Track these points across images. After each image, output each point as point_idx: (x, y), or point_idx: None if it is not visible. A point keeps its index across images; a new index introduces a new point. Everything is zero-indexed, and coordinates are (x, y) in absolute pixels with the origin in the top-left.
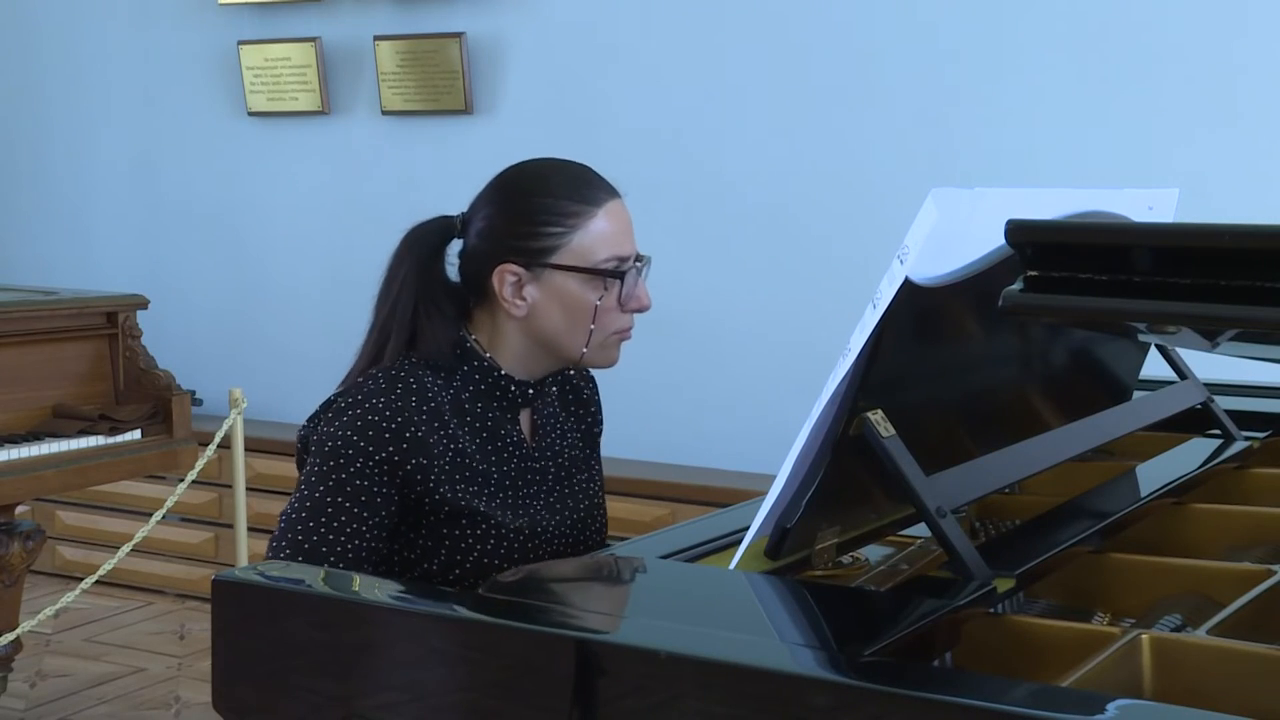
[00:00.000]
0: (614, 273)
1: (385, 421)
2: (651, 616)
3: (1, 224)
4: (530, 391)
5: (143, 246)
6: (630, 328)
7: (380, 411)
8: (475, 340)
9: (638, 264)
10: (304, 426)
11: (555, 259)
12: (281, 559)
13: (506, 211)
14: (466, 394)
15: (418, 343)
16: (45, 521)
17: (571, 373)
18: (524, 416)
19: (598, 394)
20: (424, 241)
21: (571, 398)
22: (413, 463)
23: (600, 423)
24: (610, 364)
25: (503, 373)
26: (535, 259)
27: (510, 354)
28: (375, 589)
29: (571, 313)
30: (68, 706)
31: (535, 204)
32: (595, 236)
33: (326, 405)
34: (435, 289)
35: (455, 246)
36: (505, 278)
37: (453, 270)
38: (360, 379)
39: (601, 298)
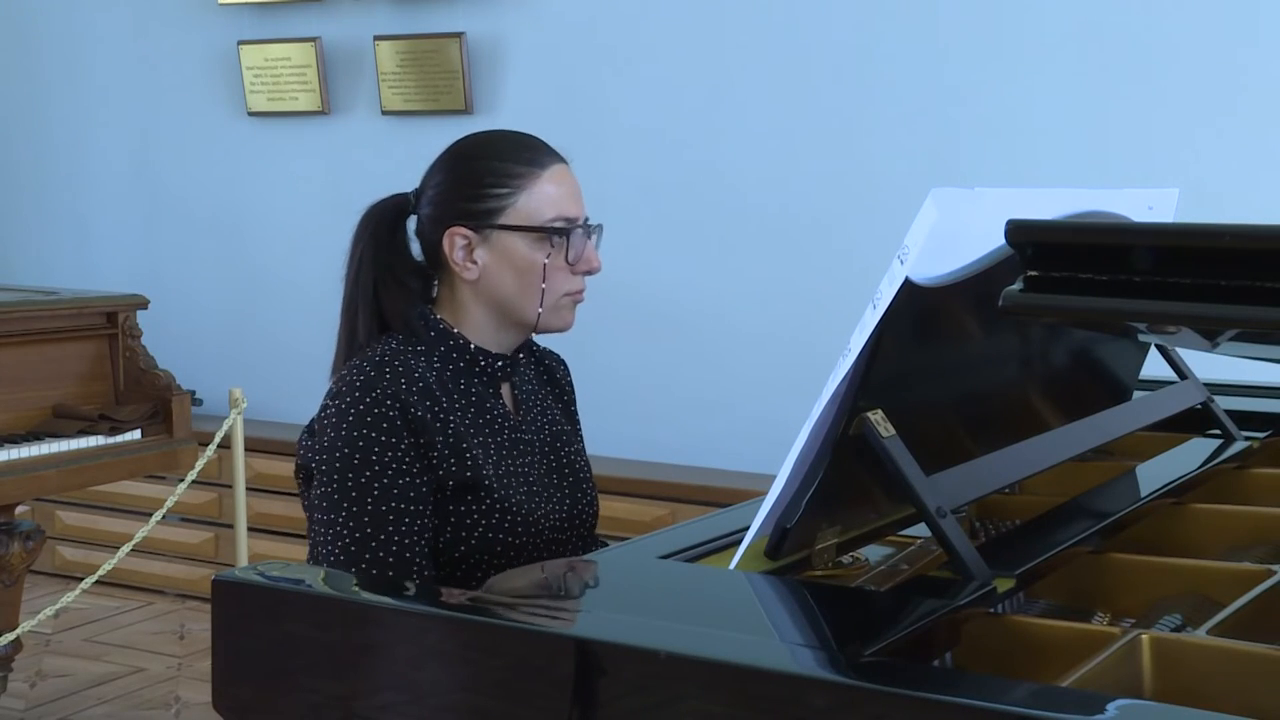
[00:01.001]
0: (559, 230)
1: (390, 409)
2: (651, 616)
3: (1, 224)
4: (505, 365)
5: (143, 246)
6: (582, 290)
7: (381, 401)
8: (442, 318)
9: (587, 227)
10: (304, 441)
11: (502, 220)
12: None
13: (453, 177)
14: (448, 372)
15: (387, 318)
16: (45, 521)
17: (542, 354)
18: (505, 390)
19: (569, 375)
20: (379, 218)
21: (546, 377)
22: (423, 440)
23: (575, 401)
24: (565, 327)
25: (474, 346)
26: (483, 221)
27: (475, 325)
28: (375, 589)
29: (521, 273)
30: (68, 706)
31: (481, 167)
32: (541, 197)
33: (323, 412)
34: (395, 263)
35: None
36: (455, 241)
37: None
38: (345, 373)
39: (549, 256)
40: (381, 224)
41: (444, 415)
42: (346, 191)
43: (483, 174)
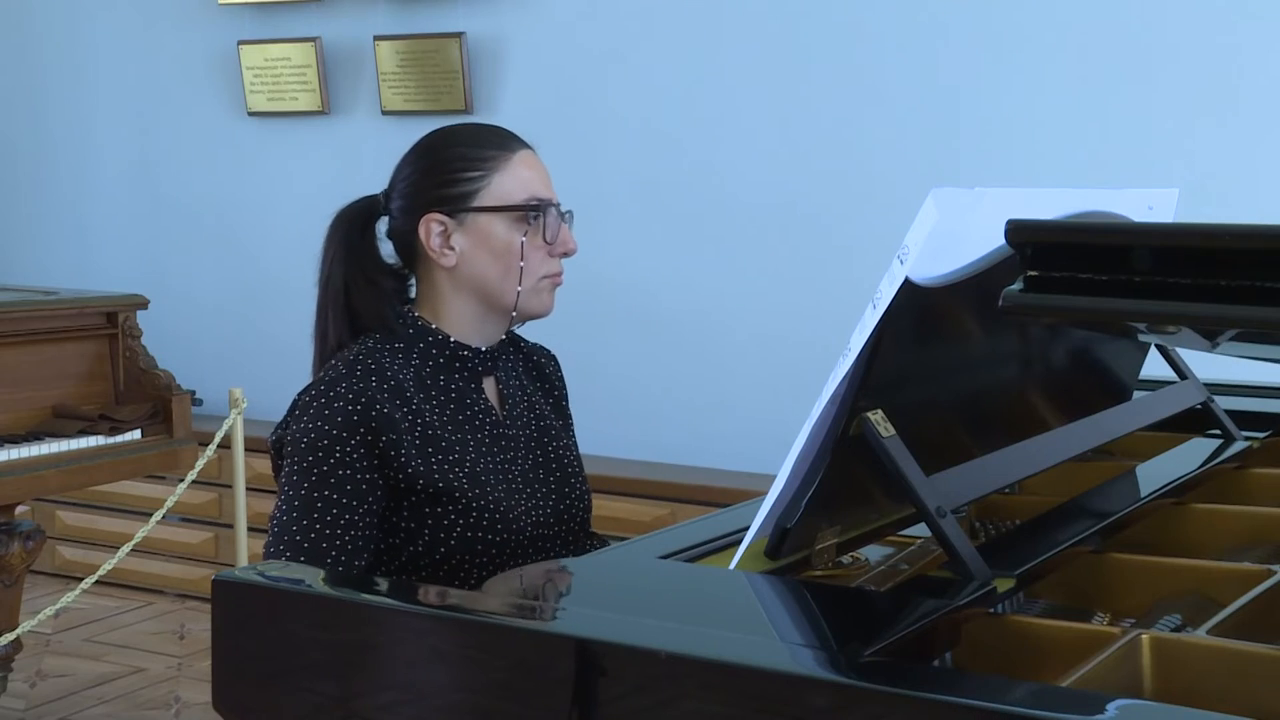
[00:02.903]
0: (535, 208)
1: (350, 405)
2: (651, 616)
3: (1, 224)
4: (488, 359)
5: (143, 246)
6: (560, 273)
7: (344, 396)
8: (420, 316)
9: (560, 211)
10: (275, 431)
11: (477, 202)
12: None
13: (424, 167)
14: (427, 369)
15: (360, 318)
16: (45, 521)
17: (530, 348)
18: (489, 386)
19: (560, 370)
20: (350, 221)
21: (536, 373)
22: (384, 439)
23: (567, 396)
24: (545, 311)
25: (453, 340)
26: (457, 205)
27: (455, 318)
28: (375, 589)
29: (499, 255)
30: (68, 706)
31: (450, 154)
32: (512, 179)
33: (292, 407)
34: (366, 265)
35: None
36: (431, 228)
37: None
38: (321, 373)
39: (526, 234)
40: (352, 227)
41: (414, 416)
42: (346, 191)
43: (453, 160)
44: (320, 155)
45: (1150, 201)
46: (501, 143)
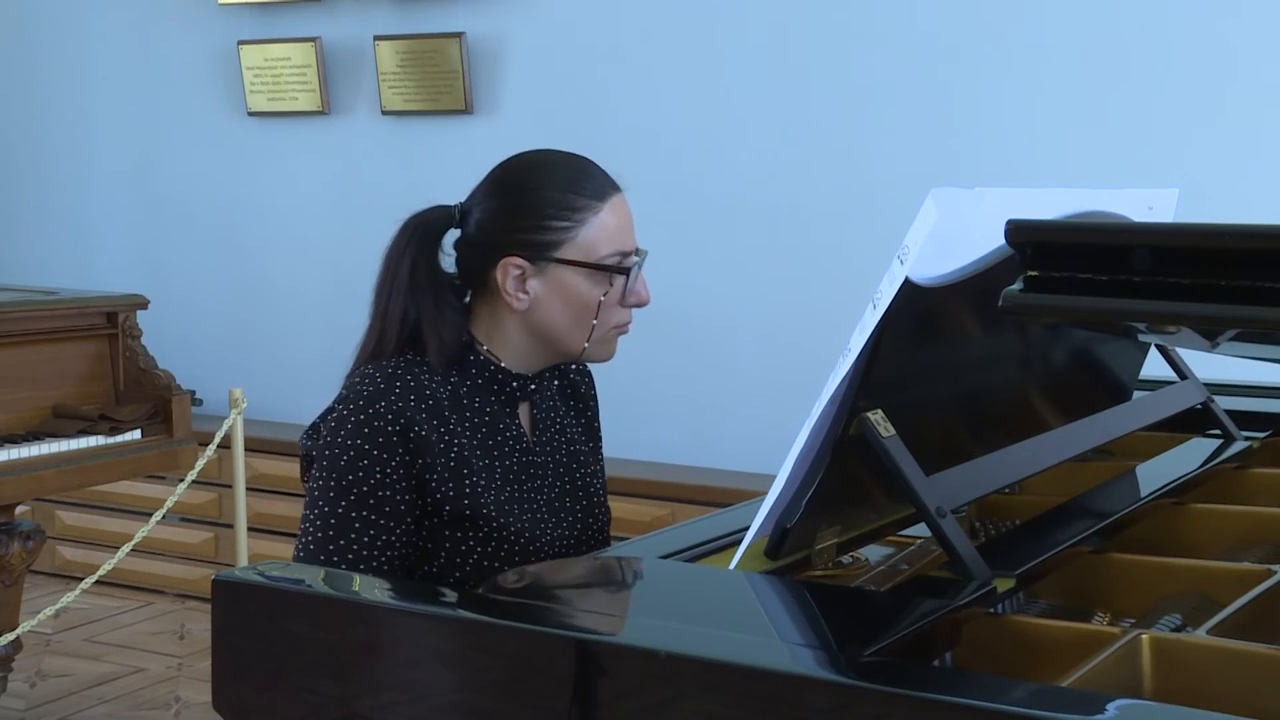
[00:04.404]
0: (619, 269)
1: (390, 425)
2: (651, 616)
3: (1, 224)
4: (529, 386)
5: (143, 246)
6: (629, 323)
7: (383, 415)
8: (471, 334)
9: (637, 258)
10: (305, 436)
11: (560, 253)
12: None
13: (510, 203)
14: (465, 389)
15: (423, 336)
16: (45, 521)
17: (567, 367)
18: (523, 411)
19: (594, 388)
20: (423, 234)
21: (570, 392)
22: (420, 462)
23: (598, 415)
24: (608, 358)
25: (500, 366)
26: (540, 252)
27: (509, 347)
28: (375, 589)
29: (575, 307)
30: (68, 706)
31: (540, 197)
32: (600, 231)
33: (327, 413)
34: (439, 280)
35: (449, 237)
36: (509, 270)
37: (447, 261)
38: (356, 380)
39: (606, 293)
40: (425, 240)
41: (449, 437)
42: (346, 191)
43: (542, 204)
44: (320, 155)
45: (1150, 201)
46: (595, 189)
